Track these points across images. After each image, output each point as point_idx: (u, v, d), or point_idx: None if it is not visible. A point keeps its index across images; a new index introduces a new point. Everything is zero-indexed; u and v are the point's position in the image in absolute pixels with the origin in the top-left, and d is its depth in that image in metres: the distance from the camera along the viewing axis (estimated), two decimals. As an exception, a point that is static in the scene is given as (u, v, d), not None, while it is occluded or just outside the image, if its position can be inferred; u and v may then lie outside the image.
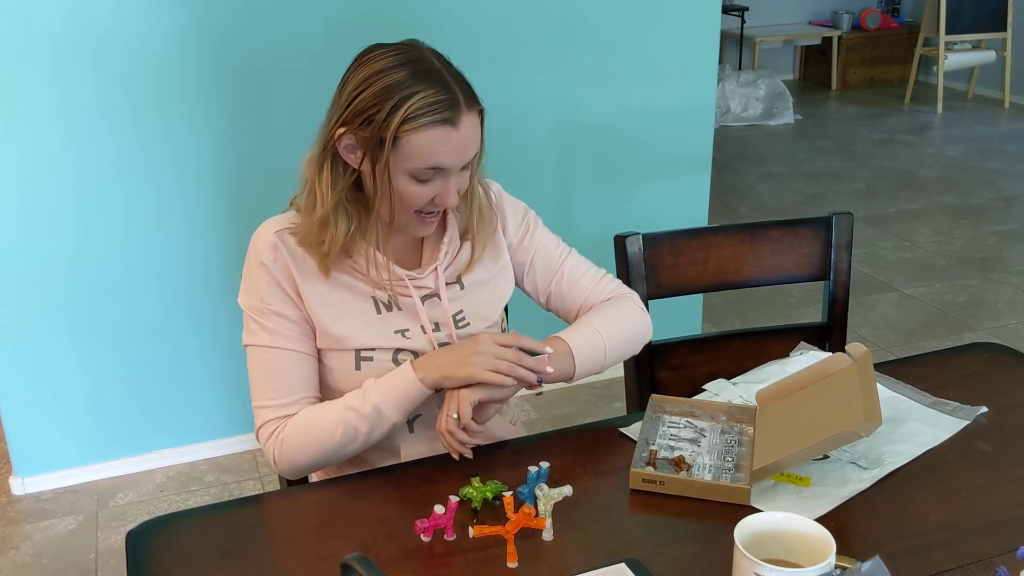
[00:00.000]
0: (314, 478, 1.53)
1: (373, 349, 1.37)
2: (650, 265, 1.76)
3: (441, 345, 1.40)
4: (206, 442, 2.79)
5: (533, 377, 1.32)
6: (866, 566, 0.95)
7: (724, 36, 6.90)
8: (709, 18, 2.87)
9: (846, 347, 1.36)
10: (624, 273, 1.75)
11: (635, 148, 2.94)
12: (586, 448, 1.35)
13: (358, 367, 1.37)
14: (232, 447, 2.81)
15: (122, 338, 2.61)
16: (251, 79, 2.51)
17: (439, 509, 1.16)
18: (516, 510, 1.17)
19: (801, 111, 6.75)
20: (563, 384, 1.42)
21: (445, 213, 1.42)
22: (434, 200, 1.32)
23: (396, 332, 1.38)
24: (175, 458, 2.77)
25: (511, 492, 1.22)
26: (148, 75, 2.41)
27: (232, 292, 1.42)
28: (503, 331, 1.50)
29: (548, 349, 1.35)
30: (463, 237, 1.45)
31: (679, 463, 1.31)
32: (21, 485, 2.66)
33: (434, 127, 1.26)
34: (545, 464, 1.26)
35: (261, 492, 2.56)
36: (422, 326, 1.39)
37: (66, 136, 2.40)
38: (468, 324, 1.43)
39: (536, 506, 1.18)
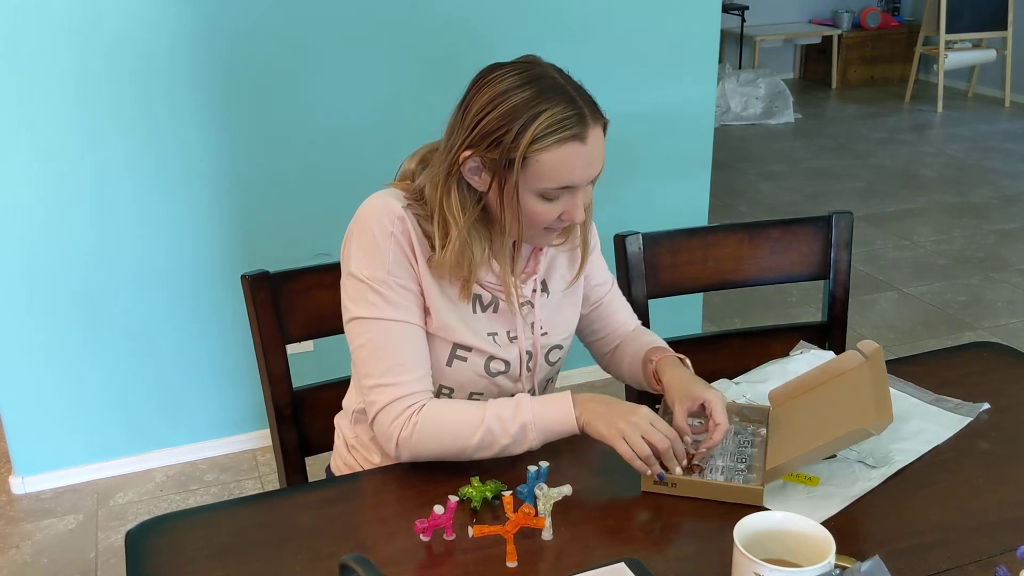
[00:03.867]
0: (339, 463, 1.53)
1: (470, 349, 1.37)
2: (650, 264, 1.76)
3: (526, 353, 1.41)
4: (206, 441, 2.79)
5: (656, 470, 1.26)
6: (866, 566, 0.95)
7: (724, 35, 6.89)
8: (709, 17, 2.87)
9: (858, 344, 1.35)
10: (624, 273, 1.75)
11: (635, 147, 2.94)
12: (586, 447, 1.35)
13: (450, 363, 1.38)
14: (232, 446, 2.81)
15: (123, 337, 2.61)
16: (259, 78, 2.50)
17: (438, 509, 1.16)
18: (515, 510, 1.17)
19: (801, 110, 6.75)
20: (564, 384, 1.42)
21: None
22: (561, 217, 1.31)
23: (489, 334, 1.39)
24: (175, 457, 2.77)
25: (510, 492, 1.22)
26: (158, 75, 2.41)
27: (236, 290, 1.40)
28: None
29: (684, 462, 1.28)
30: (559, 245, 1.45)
31: (690, 466, 1.30)
32: (21, 484, 2.66)
33: (563, 145, 1.25)
34: (545, 463, 1.26)
35: (261, 492, 2.56)
36: (509, 332, 1.40)
37: (77, 135, 2.40)
38: (546, 333, 1.44)
39: (536, 506, 1.18)
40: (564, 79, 1.29)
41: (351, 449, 1.51)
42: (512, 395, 1.38)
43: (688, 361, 1.45)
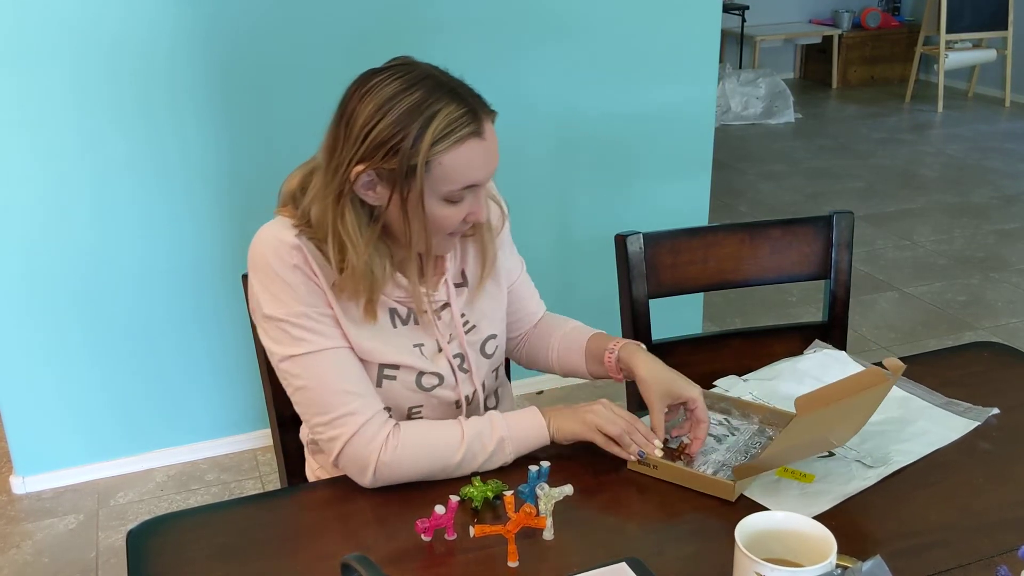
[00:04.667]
0: (312, 477, 1.53)
1: (397, 367, 1.34)
2: (650, 264, 1.75)
3: (456, 356, 1.39)
4: (207, 441, 2.79)
5: (635, 449, 1.30)
6: (867, 565, 0.95)
7: (724, 35, 6.89)
8: (709, 17, 2.87)
9: (884, 361, 1.34)
10: (625, 272, 1.75)
11: (635, 147, 2.94)
12: (587, 447, 1.35)
13: (379, 384, 1.34)
14: (233, 446, 2.81)
15: (123, 337, 2.61)
16: (259, 78, 2.51)
17: (439, 509, 1.16)
18: (517, 509, 1.17)
19: (801, 110, 6.75)
20: (563, 383, 1.42)
21: None
22: (466, 219, 1.29)
23: (414, 346, 1.36)
24: (176, 457, 2.77)
25: (512, 491, 1.21)
26: (158, 75, 2.41)
27: (236, 291, 1.40)
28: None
29: (658, 442, 1.31)
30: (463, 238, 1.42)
31: (679, 452, 1.32)
32: (22, 484, 2.66)
33: (464, 143, 1.21)
34: (546, 463, 1.26)
35: (262, 491, 2.56)
36: (437, 340, 1.38)
37: (77, 135, 2.40)
38: (475, 327, 1.42)
39: (537, 505, 1.18)
40: (446, 77, 1.25)
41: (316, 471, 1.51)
42: (454, 402, 1.39)
43: (644, 347, 1.44)
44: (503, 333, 1.48)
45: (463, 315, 1.41)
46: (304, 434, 1.54)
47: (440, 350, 1.38)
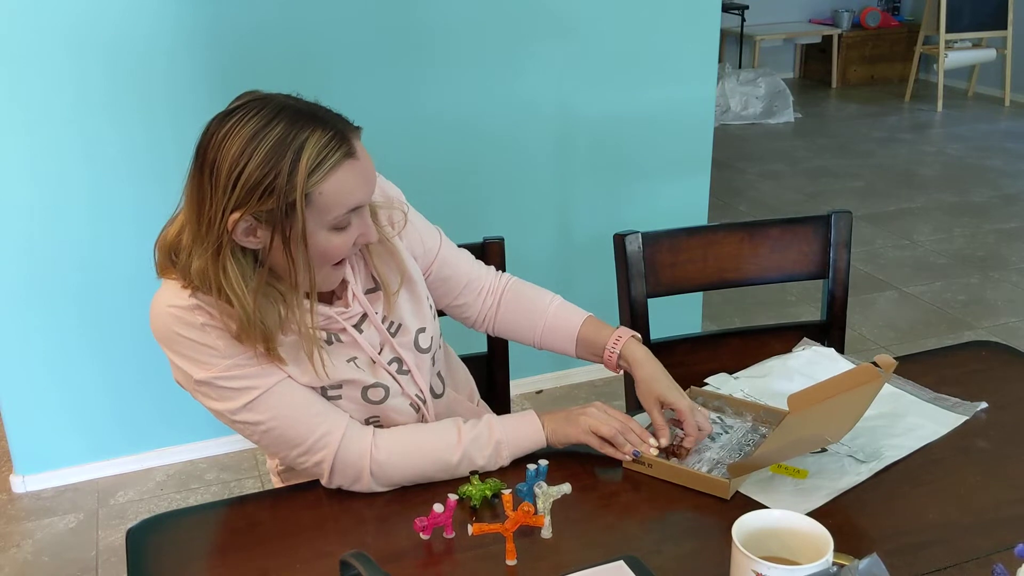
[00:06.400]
0: (278, 483, 1.52)
1: (340, 386, 1.30)
2: (649, 263, 1.76)
3: (392, 362, 1.35)
4: (206, 440, 2.79)
5: (629, 449, 1.31)
6: (864, 563, 0.95)
7: (724, 34, 6.89)
8: (709, 16, 2.87)
9: (875, 359, 1.35)
10: (624, 272, 1.75)
11: (635, 147, 2.94)
12: (585, 447, 1.35)
13: None
14: (232, 445, 2.81)
15: (123, 337, 2.61)
16: (258, 78, 2.47)
17: (438, 507, 1.16)
18: (515, 508, 1.17)
19: (801, 109, 6.75)
20: (562, 383, 1.42)
21: None
22: (355, 242, 1.23)
23: (348, 361, 1.32)
24: (175, 456, 2.77)
25: (510, 490, 1.22)
26: (157, 75, 2.42)
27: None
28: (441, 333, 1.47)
29: (653, 441, 1.32)
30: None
31: (673, 451, 1.33)
32: (22, 483, 2.66)
33: (339, 167, 1.16)
34: (544, 462, 1.26)
35: (261, 490, 2.56)
36: (367, 354, 1.33)
37: (76, 134, 2.40)
38: (400, 326, 1.37)
39: (535, 504, 1.18)
40: (303, 103, 1.19)
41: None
42: (409, 405, 1.37)
43: (639, 337, 1.45)
44: (432, 318, 1.43)
45: (385, 319, 1.36)
46: (272, 466, 1.51)
47: (374, 362, 1.34)
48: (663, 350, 1.80)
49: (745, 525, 1.04)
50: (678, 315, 2.45)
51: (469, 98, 2.68)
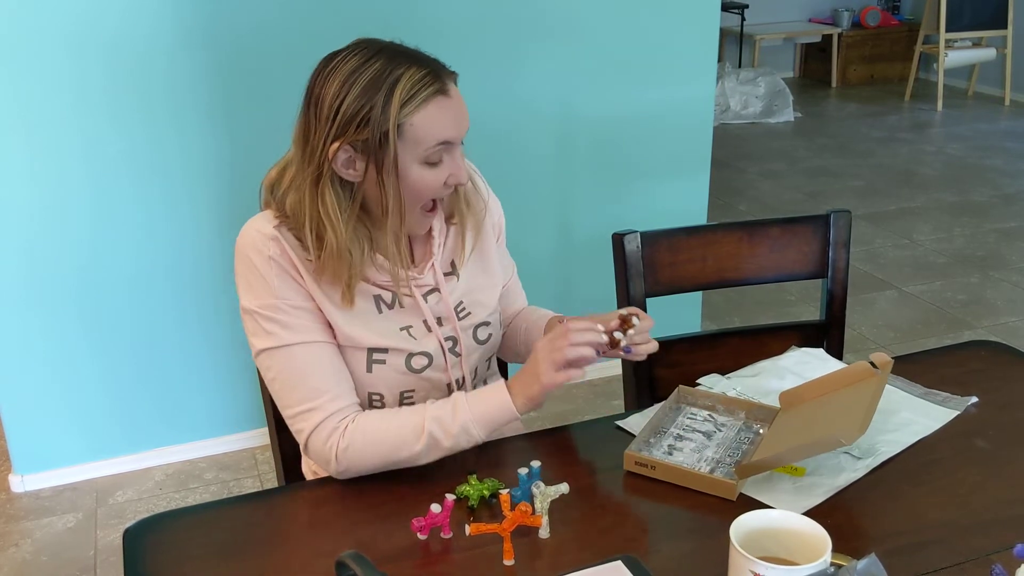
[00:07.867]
0: (310, 475, 1.53)
1: (386, 351, 1.34)
2: (648, 263, 1.76)
3: (447, 339, 1.39)
4: (205, 440, 2.79)
5: (591, 352, 1.25)
6: (862, 563, 0.95)
7: (724, 34, 6.89)
8: (709, 15, 2.87)
9: (871, 356, 1.35)
10: (622, 271, 1.75)
11: (634, 146, 2.94)
12: (584, 446, 1.35)
13: (369, 369, 1.35)
14: (231, 445, 2.81)
15: (123, 336, 2.61)
16: (258, 78, 2.50)
17: (435, 507, 1.16)
18: (512, 508, 1.17)
19: (801, 109, 6.75)
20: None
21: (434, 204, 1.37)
22: (447, 182, 1.29)
23: (401, 329, 1.36)
24: (174, 456, 2.77)
25: (508, 490, 1.22)
26: (157, 74, 2.41)
27: (234, 290, 1.39)
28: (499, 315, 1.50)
29: (600, 327, 1.28)
30: (449, 222, 1.42)
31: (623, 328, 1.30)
32: (21, 483, 2.66)
33: (431, 101, 1.24)
34: (536, 463, 1.25)
35: (260, 490, 2.56)
36: (425, 322, 1.37)
37: (76, 134, 2.40)
38: (469, 313, 1.42)
39: (533, 504, 1.18)
40: (404, 47, 1.28)
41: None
42: (446, 385, 1.39)
43: None
44: (497, 324, 1.48)
45: (460, 303, 1.41)
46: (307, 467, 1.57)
47: (430, 331, 1.38)
48: (662, 350, 1.79)
49: (743, 525, 1.03)
50: (677, 315, 2.45)
51: (469, 98, 2.63)
